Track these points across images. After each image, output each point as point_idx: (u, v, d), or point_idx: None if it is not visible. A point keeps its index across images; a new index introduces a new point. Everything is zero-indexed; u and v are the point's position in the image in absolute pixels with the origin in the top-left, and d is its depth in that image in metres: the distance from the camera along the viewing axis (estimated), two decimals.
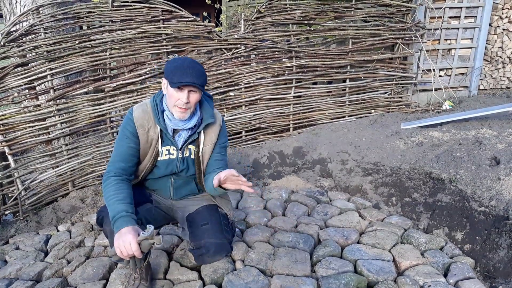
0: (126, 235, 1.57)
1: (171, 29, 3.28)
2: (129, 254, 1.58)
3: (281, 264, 2.27)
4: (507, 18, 4.58)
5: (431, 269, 2.26)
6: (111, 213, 1.67)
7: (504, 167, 2.73)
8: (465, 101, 4.42)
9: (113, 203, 1.68)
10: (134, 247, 1.56)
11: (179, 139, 1.92)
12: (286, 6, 3.69)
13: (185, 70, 1.73)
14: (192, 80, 1.72)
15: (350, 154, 3.48)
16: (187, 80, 1.71)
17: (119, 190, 1.72)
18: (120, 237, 1.58)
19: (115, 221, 1.64)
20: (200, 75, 1.76)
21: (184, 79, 1.71)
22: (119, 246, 1.57)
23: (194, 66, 1.76)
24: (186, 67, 1.74)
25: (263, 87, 3.82)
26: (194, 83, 1.73)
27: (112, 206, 1.68)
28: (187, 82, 1.72)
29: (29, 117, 2.98)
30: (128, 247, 1.56)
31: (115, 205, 1.67)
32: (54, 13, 2.93)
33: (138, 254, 1.58)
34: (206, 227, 1.91)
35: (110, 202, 1.70)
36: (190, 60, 1.79)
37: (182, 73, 1.72)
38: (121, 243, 1.57)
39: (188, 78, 1.71)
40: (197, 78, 1.74)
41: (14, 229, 2.88)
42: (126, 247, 1.56)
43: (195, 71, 1.75)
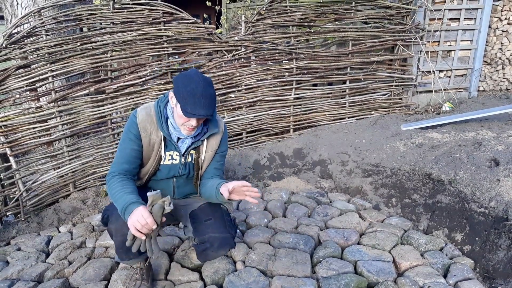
0: (138, 210, 1.57)
1: (172, 31, 3.30)
2: (143, 226, 1.55)
3: (282, 265, 2.28)
4: (506, 20, 4.60)
5: (431, 270, 2.27)
6: (120, 203, 1.66)
7: (504, 168, 2.75)
8: (465, 103, 4.43)
9: (121, 195, 1.68)
10: (146, 215, 1.55)
11: (182, 145, 1.93)
12: (286, 8, 3.71)
13: (198, 100, 1.67)
14: (205, 113, 1.69)
15: (350, 155, 3.49)
16: (202, 113, 1.68)
17: (125, 186, 1.73)
18: (134, 213, 1.58)
19: (126, 208, 1.63)
20: (211, 104, 1.72)
21: (197, 111, 1.68)
22: (133, 223, 1.56)
23: (207, 94, 1.69)
24: (200, 95, 1.67)
25: (264, 89, 3.83)
26: (207, 115, 1.71)
27: (121, 198, 1.67)
28: (200, 116, 1.69)
29: (31, 119, 2.99)
30: (141, 218, 1.55)
31: (124, 197, 1.67)
32: (56, 15, 2.95)
33: (151, 221, 1.55)
34: (209, 222, 1.92)
35: (118, 195, 1.69)
36: (203, 83, 1.70)
37: (196, 104, 1.67)
38: (134, 218, 1.56)
39: (201, 111, 1.68)
40: (209, 109, 1.70)
41: (15, 230, 2.89)
42: (139, 220, 1.55)
43: (207, 100, 1.70)
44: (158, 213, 1.60)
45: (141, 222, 1.55)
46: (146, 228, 1.56)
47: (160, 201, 1.60)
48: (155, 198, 1.60)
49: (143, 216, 1.55)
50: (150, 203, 1.60)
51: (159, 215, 1.60)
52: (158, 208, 1.59)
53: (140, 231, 1.57)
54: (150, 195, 1.60)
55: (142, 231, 1.57)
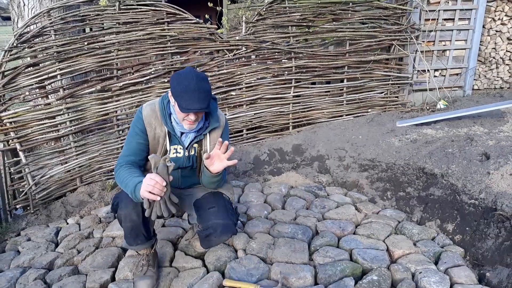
0: (145, 178, 1.69)
1: (175, 31, 3.42)
2: (154, 186, 1.66)
3: (281, 253, 2.40)
4: (499, 20, 4.72)
5: (423, 257, 2.39)
6: (130, 186, 1.77)
7: (494, 162, 2.86)
8: (459, 101, 4.55)
9: (130, 179, 1.79)
10: (153, 175, 1.67)
11: (186, 139, 2.06)
12: (286, 8, 3.83)
13: (192, 95, 1.78)
14: (199, 107, 1.80)
15: (347, 151, 3.61)
16: (195, 107, 1.80)
17: (132, 172, 1.86)
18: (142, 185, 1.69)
19: (135, 187, 1.74)
20: (206, 97, 1.82)
21: (192, 106, 1.79)
22: (145, 188, 1.67)
23: (200, 88, 1.81)
24: (193, 90, 1.78)
25: (264, 87, 3.95)
26: (201, 109, 1.82)
27: (130, 181, 1.78)
28: (195, 110, 1.81)
29: (40, 115, 3.11)
30: (150, 180, 1.66)
31: (133, 179, 1.78)
32: (64, 16, 3.07)
33: (159, 179, 1.67)
34: (213, 210, 2.04)
35: (127, 180, 1.81)
36: (195, 79, 1.81)
37: (190, 99, 1.79)
38: (144, 184, 1.67)
39: (196, 105, 1.79)
40: (204, 102, 1.81)
41: (25, 222, 3.01)
42: (149, 182, 1.66)
43: (201, 94, 1.80)
44: (164, 171, 1.71)
45: (151, 183, 1.66)
46: (158, 187, 1.67)
47: (162, 160, 1.72)
48: (156, 160, 1.73)
49: (151, 178, 1.67)
50: (153, 166, 1.72)
51: (165, 173, 1.72)
52: (162, 167, 1.71)
53: (153, 192, 1.67)
54: (151, 157, 1.73)
55: (155, 192, 1.67)
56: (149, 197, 1.68)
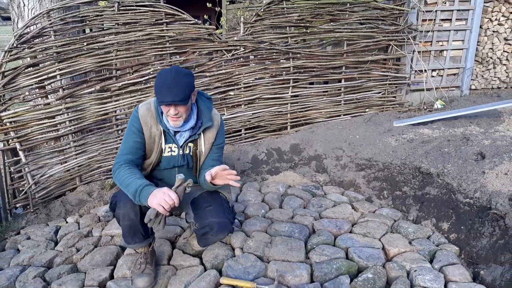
0: (162, 190, 1.76)
1: (174, 31, 3.45)
2: (170, 205, 1.74)
3: (277, 251, 2.43)
4: (496, 20, 4.75)
5: (418, 256, 2.42)
6: (133, 187, 1.81)
7: (489, 161, 2.89)
8: (457, 100, 4.58)
9: (132, 180, 1.84)
10: (174, 195, 1.76)
11: (180, 138, 2.10)
12: (284, 9, 3.86)
13: (167, 89, 1.84)
14: (172, 99, 1.85)
15: (344, 150, 3.64)
16: (168, 100, 1.85)
17: (133, 172, 1.89)
18: (156, 194, 1.75)
19: (140, 191, 1.79)
20: (181, 90, 1.86)
21: (165, 98, 1.85)
22: (160, 202, 1.73)
23: (176, 83, 1.85)
24: (168, 85, 1.84)
25: (262, 87, 3.98)
26: (174, 101, 1.86)
27: (133, 183, 1.83)
28: (167, 102, 1.86)
29: (39, 115, 3.14)
30: (169, 198, 1.74)
31: (135, 181, 1.83)
32: (64, 16, 3.10)
33: (177, 201, 1.77)
34: (209, 209, 2.07)
35: (128, 181, 1.85)
36: (173, 75, 1.86)
37: (165, 92, 1.84)
38: (160, 198, 1.74)
39: (168, 97, 1.84)
40: (177, 95, 1.85)
41: (24, 221, 3.04)
42: (167, 200, 1.73)
43: (176, 87, 1.84)
44: (181, 194, 1.83)
45: (169, 202, 1.74)
46: (171, 205, 1.75)
47: (185, 184, 1.85)
48: (181, 181, 1.84)
49: (170, 196, 1.75)
50: (176, 185, 1.82)
51: (182, 195, 1.83)
52: (182, 190, 1.84)
53: (165, 208, 1.74)
54: (180, 178, 1.83)
55: (166, 208, 1.75)
56: (161, 210, 1.76)
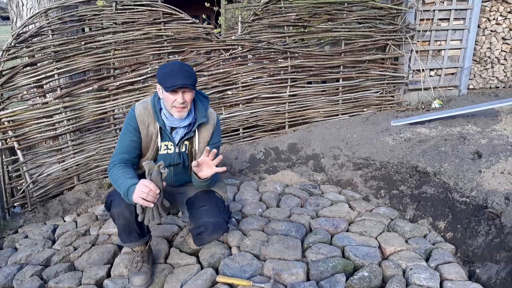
0: (139, 183, 1.74)
1: (172, 30, 3.45)
2: (147, 193, 1.71)
3: (274, 249, 2.44)
4: (494, 20, 4.75)
5: (414, 254, 2.43)
6: (123, 187, 1.81)
7: (485, 160, 2.90)
8: (454, 100, 4.59)
9: (123, 180, 1.83)
10: (147, 182, 1.72)
11: (176, 135, 2.11)
12: (281, 9, 3.86)
13: (176, 74, 1.88)
14: (183, 82, 1.88)
15: (342, 149, 3.65)
16: (179, 82, 1.88)
17: (126, 172, 1.89)
18: (135, 190, 1.74)
19: (128, 190, 1.78)
20: (190, 75, 1.92)
21: (176, 82, 1.87)
22: (138, 194, 1.71)
23: (183, 69, 1.91)
24: (176, 71, 1.89)
25: (260, 86, 3.99)
26: (185, 84, 1.89)
27: (123, 183, 1.82)
28: (179, 85, 1.88)
29: (37, 114, 3.15)
30: (144, 187, 1.71)
31: (126, 181, 1.82)
32: (61, 16, 3.11)
33: (153, 186, 1.72)
34: (204, 208, 2.08)
35: (120, 181, 1.85)
36: (178, 64, 1.94)
37: (174, 77, 1.88)
38: (137, 190, 1.72)
39: (179, 80, 1.88)
40: (188, 79, 1.90)
41: (22, 220, 3.05)
42: (142, 189, 1.71)
43: (185, 73, 1.90)
44: (158, 178, 1.76)
45: (145, 190, 1.71)
46: (151, 195, 1.72)
47: (156, 167, 1.76)
48: (150, 166, 1.77)
49: (145, 185, 1.72)
50: (148, 172, 1.77)
51: (158, 180, 1.76)
52: (156, 174, 1.76)
53: (146, 199, 1.72)
54: (145, 164, 1.77)
55: (148, 199, 1.72)
56: (143, 203, 1.73)
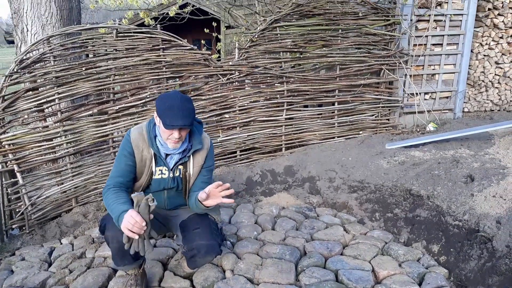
0: (127, 213, 1.77)
1: (171, 56, 3.56)
2: (133, 225, 1.73)
3: (268, 273, 2.45)
4: (487, 45, 4.87)
5: (407, 278, 2.43)
6: (115, 213, 1.85)
7: (478, 184, 2.93)
8: (449, 123, 4.65)
9: (116, 206, 1.88)
10: (134, 214, 1.75)
11: (171, 161, 2.17)
12: (277, 35, 3.98)
13: (176, 113, 1.91)
14: (183, 123, 1.93)
15: (337, 172, 3.69)
16: (179, 123, 1.92)
17: (119, 197, 1.94)
18: (123, 220, 1.77)
19: (119, 217, 1.82)
20: (189, 115, 1.95)
21: (175, 122, 1.92)
22: (125, 225, 1.74)
23: (183, 107, 1.94)
24: (177, 108, 1.92)
25: (257, 110, 4.07)
26: (184, 125, 1.94)
27: (115, 208, 1.87)
28: (178, 126, 1.93)
29: (37, 137, 3.21)
30: (131, 219, 1.74)
31: (118, 207, 1.86)
32: (63, 43, 3.22)
33: (140, 219, 1.74)
34: (197, 231, 2.11)
35: (112, 206, 1.89)
36: (179, 99, 1.95)
37: (173, 116, 1.91)
38: (125, 221, 1.75)
39: (179, 121, 1.92)
40: (187, 119, 1.94)
41: (20, 242, 3.07)
42: (129, 220, 1.74)
43: (185, 112, 1.93)
44: (145, 211, 1.79)
45: (131, 222, 1.74)
46: (137, 226, 1.75)
47: (144, 200, 1.79)
48: (139, 198, 1.80)
49: (132, 216, 1.75)
50: (136, 204, 1.80)
51: (146, 213, 1.79)
52: (144, 206, 1.79)
53: (132, 230, 1.75)
54: (134, 196, 1.80)
55: (134, 231, 1.75)
56: (128, 234, 1.77)
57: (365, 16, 4.21)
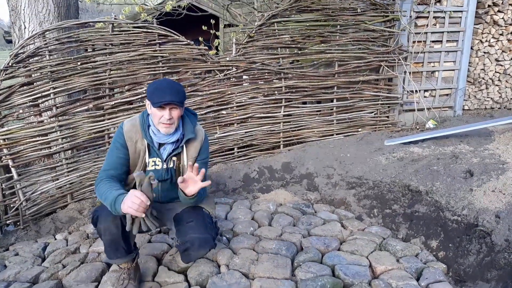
0: (129, 194, 1.75)
1: (167, 51, 3.53)
2: (139, 205, 1.71)
3: (263, 268, 2.41)
4: (487, 42, 4.83)
5: (405, 273, 2.40)
6: (109, 198, 1.82)
7: (477, 179, 2.90)
8: (449, 120, 4.61)
9: (110, 192, 1.85)
10: (139, 194, 1.73)
11: (164, 151, 2.14)
12: (275, 31, 3.95)
13: (164, 91, 1.94)
14: (171, 99, 1.94)
15: (336, 169, 3.65)
16: (166, 99, 1.93)
17: (112, 185, 1.91)
18: (125, 199, 1.74)
19: (115, 200, 1.79)
20: (178, 92, 1.97)
21: (163, 98, 1.93)
22: (129, 205, 1.72)
23: (172, 86, 1.98)
24: (165, 87, 1.95)
25: (254, 106, 4.03)
26: (172, 101, 1.94)
27: (110, 194, 1.83)
28: (166, 101, 1.93)
29: (32, 133, 3.19)
30: (135, 198, 1.72)
31: (112, 193, 1.83)
32: (59, 37, 3.20)
33: (145, 198, 1.73)
34: (191, 224, 2.08)
35: (106, 194, 1.86)
36: (168, 81, 2.01)
37: (162, 94, 1.93)
38: (128, 201, 1.72)
39: (167, 97, 1.93)
40: (175, 95, 1.96)
41: (14, 238, 3.04)
42: (134, 200, 1.72)
43: (173, 90, 1.96)
44: (148, 189, 1.78)
45: (137, 201, 1.72)
46: (142, 206, 1.73)
47: (146, 179, 1.79)
48: (141, 177, 1.79)
49: (136, 195, 1.73)
50: (138, 183, 1.78)
51: (149, 191, 1.78)
52: (147, 185, 1.78)
53: (138, 210, 1.73)
54: (136, 175, 1.79)
55: (139, 210, 1.73)
56: (133, 213, 1.74)
57: (364, 12, 4.18)
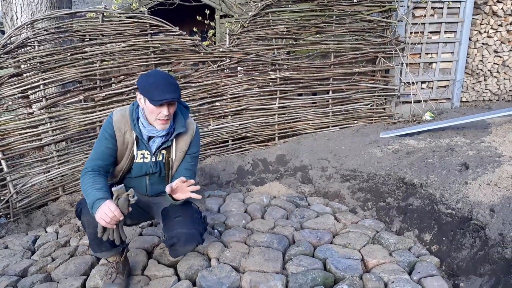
0: (104, 204, 1.72)
1: (159, 42, 3.47)
2: (111, 218, 1.69)
3: (254, 261, 2.39)
4: (486, 33, 4.76)
5: (397, 267, 2.37)
6: (89, 199, 1.80)
7: (472, 172, 2.86)
8: (446, 112, 4.56)
9: (91, 191, 1.82)
10: (113, 208, 1.70)
11: (153, 144, 2.09)
12: (270, 21, 3.88)
13: (163, 88, 1.86)
14: (172, 97, 1.88)
15: (330, 161, 3.61)
16: (168, 97, 1.86)
17: (96, 182, 1.87)
18: (99, 209, 1.72)
19: (93, 204, 1.77)
20: (177, 89, 1.92)
21: (165, 96, 1.86)
22: (101, 216, 1.70)
23: (170, 82, 1.90)
24: (164, 84, 1.87)
25: (249, 98, 3.98)
26: (174, 99, 1.89)
27: (90, 194, 1.81)
28: (168, 99, 1.87)
29: (22, 124, 3.14)
30: (109, 211, 1.69)
31: (93, 193, 1.81)
32: (48, 27, 3.13)
33: (118, 213, 1.70)
34: (178, 219, 2.04)
35: (88, 191, 1.83)
36: (163, 75, 1.93)
37: (161, 91, 1.86)
38: (101, 212, 1.70)
39: (168, 95, 1.86)
40: (176, 93, 1.90)
41: (4, 231, 3.01)
42: (107, 213, 1.69)
43: (172, 86, 1.89)
44: (124, 205, 1.74)
45: (109, 215, 1.70)
46: (114, 220, 1.71)
47: (125, 195, 1.75)
48: (119, 192, 1.75)
49: (110, 209, 1.70)
50: (115, 197, 1.74)
51: (125, 207, 1.75)
52: (123, 201, 1.74)
53: (109, 223, 1.71)
54: (115, 190, 1.75)
55: (110, 223, 1.71)
56: (104, 225, 1.73)
57: (360, 2, 4.10)
